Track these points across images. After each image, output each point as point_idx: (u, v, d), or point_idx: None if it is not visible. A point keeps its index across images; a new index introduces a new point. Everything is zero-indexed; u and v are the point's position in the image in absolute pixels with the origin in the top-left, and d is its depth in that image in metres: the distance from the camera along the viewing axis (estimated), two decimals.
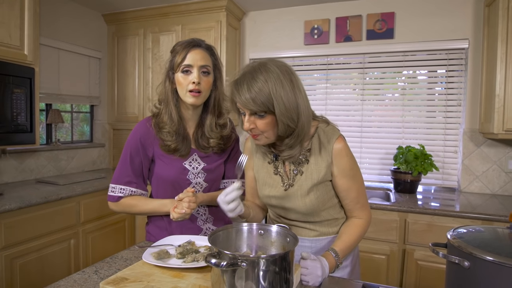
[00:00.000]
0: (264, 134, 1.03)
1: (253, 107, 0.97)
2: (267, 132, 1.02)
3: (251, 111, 0.99)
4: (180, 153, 1.26)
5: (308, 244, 1.19)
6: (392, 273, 2.17)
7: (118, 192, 1.27)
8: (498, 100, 2.18)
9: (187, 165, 1.28)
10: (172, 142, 1.23)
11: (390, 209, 2.15)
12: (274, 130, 1.02)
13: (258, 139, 1.05)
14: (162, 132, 1.24)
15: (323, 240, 1.18)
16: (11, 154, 2.55)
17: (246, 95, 0.96)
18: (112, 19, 3.28)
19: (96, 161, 3.34)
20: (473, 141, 2.57)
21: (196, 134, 1.30)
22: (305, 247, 1.19)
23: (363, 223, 1.16)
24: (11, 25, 2.09)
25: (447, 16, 2.60)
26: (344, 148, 1.09)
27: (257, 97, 0.96)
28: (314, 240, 1.18)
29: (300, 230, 1.20)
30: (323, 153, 1.10)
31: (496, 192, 2.53)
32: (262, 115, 0.99)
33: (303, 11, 2.99)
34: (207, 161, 1.31)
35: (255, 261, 0.80)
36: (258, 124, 1.01)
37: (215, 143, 1.29)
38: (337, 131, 1.12)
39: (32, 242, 2.07)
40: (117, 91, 3.31)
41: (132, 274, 0.98)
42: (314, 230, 1.18)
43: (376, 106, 2.87)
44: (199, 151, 1.30)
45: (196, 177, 1.29)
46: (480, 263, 0.74)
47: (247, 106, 0.98)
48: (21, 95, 2.15)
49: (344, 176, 1.10)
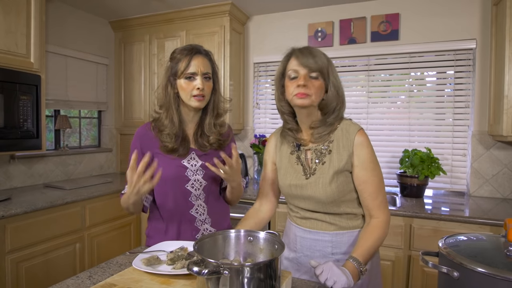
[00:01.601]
0: (312, 96, 1.13)
1: (313, 65, 1.12)
2: (315, 95, 1.14)
3: (310, 70, 1.13)
4: (179, 153, 1.31)
5: (328, 238, 1.20)
6: (397, 279, 2.12)
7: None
8: (507, 102, 2.11)
9: (186, 162, 1.32)
10: (170, 143, 1.29)
11: (394, 213, 2.10)
12: (320, 96, 1.16)
13: (305, 98, 1.13)
14: (162, 134, 1.30)
15: (343, 234, 1.19)
16: (20, 160, 2.62)
17: (309, 56, 1.13)
18: (119, 26, 3.34)
19: (103, 165, 3.39)
20: (482, 144, 2.49)
21: (196, 134, 1.36)
22: (326, 241, 1.20)
23: (380, 224, 1.13)
24: (17, 34, 2.15)
25: (453, 16, 2.54)
26: (365, 140, 1.16)
27: (319, 59, 1.13)
28: (334, 234, 1.19)
29: (320, 224, 1.21)
30: (346, 143, 1.16)
31: (508, 196, 2.44)
32: (317, 77, 1.13)
33: (307, 14, 2.98)
34: (205, 159, 1.35)
35: (239, 269, 0.79)
36: (311, 84, 1.13)
37: (214, 140, 1.36)
38: (359, 126, 1.19)
39: (38, 246, 2.11)
40: (124, 97, 3.36)
41: (121, 280, 0.98)
42: (333, 224, 1.19)
43: (383, 109, 2.83)
44: (197, 150, 1.35)
45: (195, 174, 1.33)
46: (470, 274, 0.71)
47: (309, 64, 1.12)
48: (28, 102, 2.20)
49: (363, 167, 1.15)
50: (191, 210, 1.33)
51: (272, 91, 3.21)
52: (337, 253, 1.19)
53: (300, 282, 1.11)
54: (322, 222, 1.20)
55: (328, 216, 1.19)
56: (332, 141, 1.18)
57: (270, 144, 1.36)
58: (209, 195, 1.37)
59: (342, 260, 1.16)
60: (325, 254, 1.20)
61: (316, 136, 1.20)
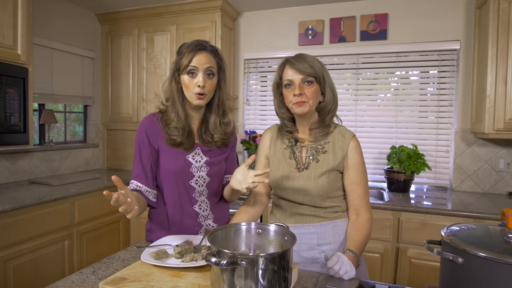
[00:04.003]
0: (309, 102, 1.20)
1: (309, 70, 1.18)
2: (311, 100, 1.20)
3: (305, 76, 1.19)
4: (184, 146, 1.31)
5: (313, 230, 1.26)
6: (386, 271, 2.20)
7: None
8: (489, 101, 2.22)
9: (190, 158, 1.32)
10: (178, 137, 1.29)
11: (383, 208, 2.17)
12: (317, 100, 1.23)
13: (303, 106, 1.20)
14: (169, 127, 1.30)
15: (327, 224, 1.25)
16: (4, 155, 2.53)
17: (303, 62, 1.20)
18: (106, 19, 3.26)
19: (89, 161, 3.32)
20: (465, 141, 2.61)
21: (200, 129, 1.36)
22: (311, 233, 1.26)
23: (367, 222, 1.23)
24: (4, 25, 2.07)
25: (439, 17, 2.64)
26: (358, 145, 1.27)
27: (313, 65, 1.20)
28: (318, 225, 1.25)
29: (305, 218, 1.27)
30: (341, 145, 1.25)
31: (487, 191, 2.58)
32: (312, 82, 1.20)
33: (298, 12, 3.01)
34: (210, 155, 1.36)
35: (254, 259, 0.82)
36: (307, 91, 1.19)
37: (218, 138, 1.36)
38: (353, 133, 1.29)
39: (26, 244, 2.05)
40: (111, 91, 3.29)
41: (131, 274, 0.98)
42: (318, 216, 1.26)
43: (370, 106, 2.91)
44: (202, 145, 1.35)
45: (199, 171, 1.33)
46: (474, 259, 0.76)
47: (305, 70, 1.18)
48: (15, 95, 2.13)
49: (355, 169, 1.24)
50: (195, 206, 1.34)
51: (261, 87, 3.23)
52: (323, 244, 1.25)
53: (304, 273, 1.14)
54: (307, 216, 1.26)
55: (314, 209, 1.25)
56: (328, 142, 1.26)
57: (265, 139, 1.39)
58: (212, 192, 1.38)
59: (327, 251, 1.24)
60: (311, 246, 1.26)
61: (314, 136, 1.27)
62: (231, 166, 1.46)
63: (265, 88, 3.21)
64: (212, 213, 1.39)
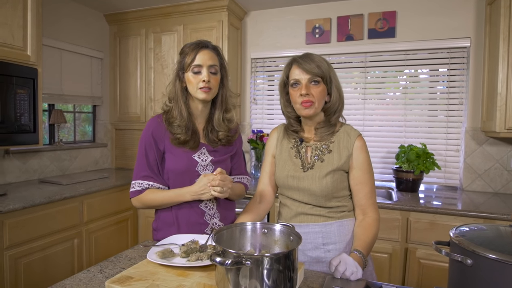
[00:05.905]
0: (315, 103, 1.19)
1: (316, 70, 1.18)
2: (318, 102, 1.20)
3: (312, 76, 1.18)
4: (189, 145, 1.32)
5: (318, 229, 1.25)
6: (394, 271, 2.17)
7: (137, 186, 1.32)
8: (500, 99, 2.18)
9: (196, 157, 1.34)
10: (181, 135, 1.30)
11: (392, 207, 2.15)
12: (323, 100, 1.22)
13: (309, 108, 1.20)
14: (172, 126, 1.32)
15: (332, 224, 1.24)
16: (14, 155, 2.57)
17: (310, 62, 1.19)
18: (114, 19, 3.29)
19: (98, 161, 3.35)
20: (475, 140, 2.57)
21: (206, 129, 1.38)
22: (316, 232, 1.25)
23: (375, 222, 1.22)
24: (14, 26, 2.10)
25: (448, 14, 2.60)
26: (364, 145, 1.25)
27: (320, 65, 1.19)
28: (323, 225, 1.24)
29: (309, 217, 1.26)
30: (347, 144, 1.24)
31: (499, 191, 2.53)
32: (318, 82, 1.19)
33: (305, 11, 2.99)
34: (215, 154, 1.37)
35: (259, 259, 0.81)
36: (313, 91, 1.19)
37: (223, 135, 1.38)
38: (358, 132, 1.27)
39: (36, 242, 2.08)
40: (119, 91, 3.32)
41: (137, 272, 0.98)
42: (323, 215, 1.25)
43: (378, 105, 2.88)
44: (208, 145, 1.37)
45: (205, 170, 1.35)
46: (483, 261, 0.74)
47: (312, 70, 1.18)
48: (25, 96, 2.16)
49: (361, 169, 1.23)
50: (201, 204, 1.34)
51: (269, 86, 3.22)
52: (328, 243, 1.24)
53: (310, 273, 1.13)
54: (312, 216, 1.26)
55: (318, 209, 1.25)
56: (333, 142, 1.26)
57: (272, 138, 1.40)
58: None
59: (333, 251, 1.23)
60: (316, 246, 1.25)
61: (319, 135, 1.27)
62: (238, 166, 1.48)
63: (272, 87, 3.20)
64: (219, 212, 1.39)
